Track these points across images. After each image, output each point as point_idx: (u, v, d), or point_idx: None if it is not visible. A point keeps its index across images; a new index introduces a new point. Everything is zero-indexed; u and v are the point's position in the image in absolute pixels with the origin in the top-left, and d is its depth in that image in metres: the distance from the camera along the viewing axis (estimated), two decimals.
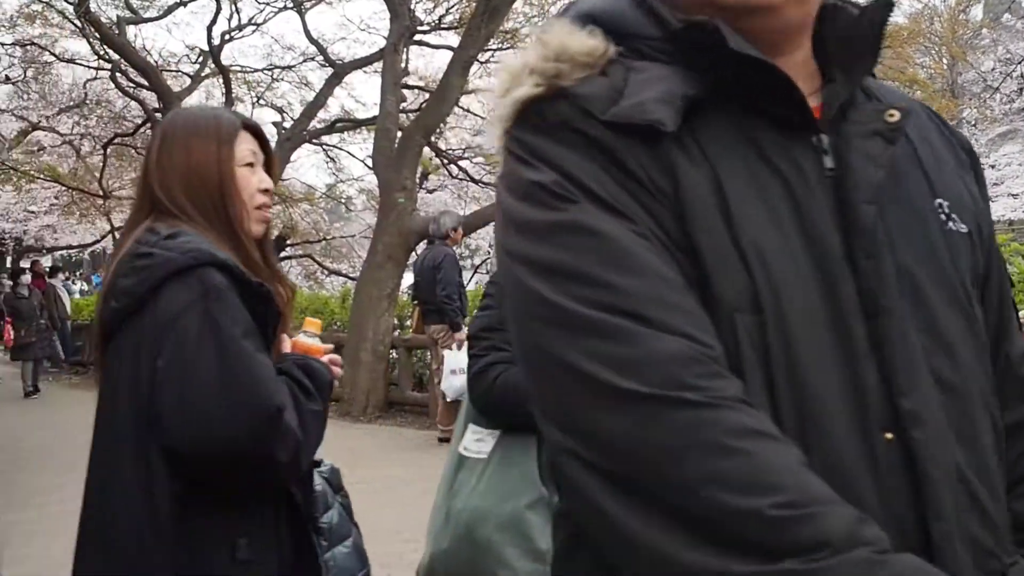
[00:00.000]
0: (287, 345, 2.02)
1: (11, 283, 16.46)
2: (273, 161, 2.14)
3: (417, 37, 18.03)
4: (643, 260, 0.93)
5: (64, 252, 34.68)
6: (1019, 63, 13.22)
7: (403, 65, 16.53)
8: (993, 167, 45.73)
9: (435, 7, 18.75)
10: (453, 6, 18.70)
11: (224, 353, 1.73)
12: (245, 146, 2.03)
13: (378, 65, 17.01)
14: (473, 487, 2.42)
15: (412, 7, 16.16)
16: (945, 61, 28.68)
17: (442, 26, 18.90)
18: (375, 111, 16.10)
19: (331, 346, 2.17)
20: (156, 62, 19.93)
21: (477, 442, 2.48)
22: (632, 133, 0.97)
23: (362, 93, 34.76)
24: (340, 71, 19.29)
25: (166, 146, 2.00)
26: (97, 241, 31.77)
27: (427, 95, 18.30)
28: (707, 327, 0.93)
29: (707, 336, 0.92)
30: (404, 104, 17.38)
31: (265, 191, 2.05)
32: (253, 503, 1.84)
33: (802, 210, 1.00)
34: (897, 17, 20.77)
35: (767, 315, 0.95)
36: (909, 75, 18.80)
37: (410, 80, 19.09)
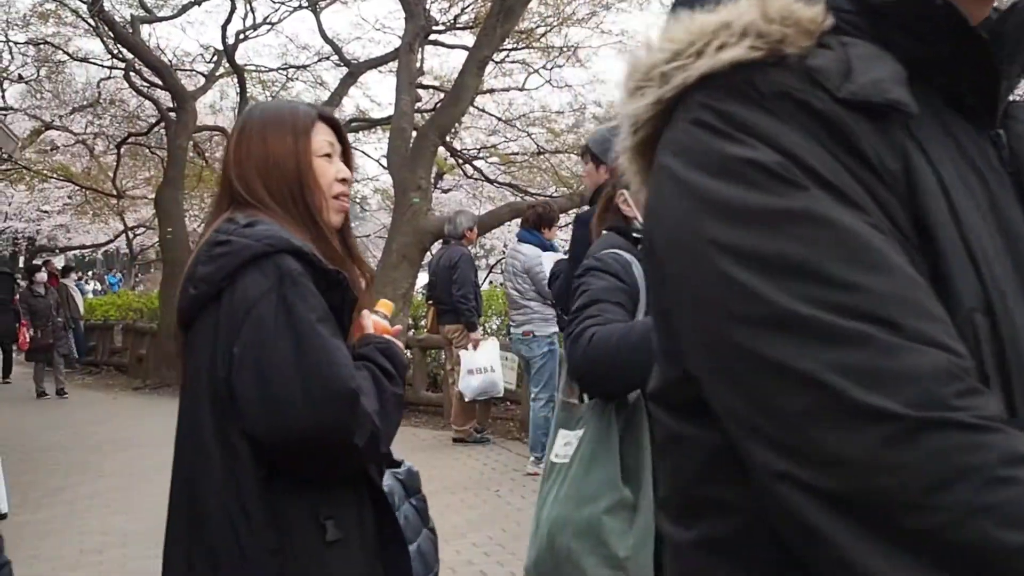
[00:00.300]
0: (369, 323, 2.07)
1: (27, 281, 16.11)
2: (350, 151, 2.17)
3: (432, 37, 17.99)
4: (888, 257, 0.80)
5: (77, 252, 34.79)
6: None
7: (418, 65, 16.49)
8: None
9: (450, 7, 18.70)
10: (468, 6, 18.64)
11: (300, 339, 1.75)
12: (322, 137, 2.05)
13: (393, 65, 16.98)
14: (556, 494, 2.38)
15: (427, 7, 16.12)
16: None
17: (457, 26, 18.84)
18: (390, 111, 16.09)
19: (400, 328, 2.20)
20: (170, 61, 19.94)
21: (565, 446, 2.45)
22: (862, 113, 0.86)
23: (377, 93, 34.74)
24: (355, 71, 19.27)
25: (244, 139, 2.03)
26: (110, 241, 31.94)
27: (442, 95, 18.25)
28: (956, 335, 0.81)
29: (960, 346, 0.80)
30: (419, 104, 17.34)
31: (343, 180, 2.08)
32: (335, 485, 1.88)
33: (997, 205, 0.92)
34: None
35: (998, 317, 0.85)
36: None
37: (425, 80, 19.04)
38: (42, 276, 16.03)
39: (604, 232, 2.77)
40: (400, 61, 14.74)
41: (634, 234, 2.63)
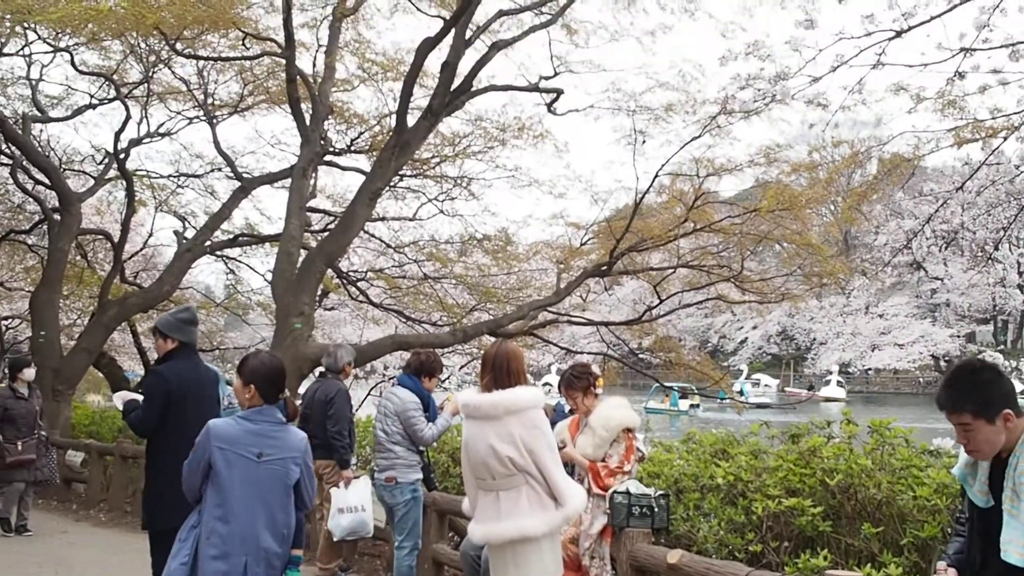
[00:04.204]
0: None
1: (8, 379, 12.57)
2: None
3: (327, 158, 18.15)
4: None
5: None
6: (916, 234, 13.74)
7: (311, 188, 16.60)
8: (881, 316, 47.78)
9: (347, 130, 18.91)
10: (365, 131, 18.86)
11: None
12: None
13: (286, 181, 17.04)
14: None
15: (323, 131, 16.31)
16: (838, 216, 29.82)
17: (353, 149, 19.03)
18: (280, 226, 16.09)
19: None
20: (59, 159, 19.69)
21: None
22: None
23: (268, 206, 34.68)
24: (247, 185, 19.19)
25: None
26: None
27: (333, 218, 18.35)
28: None
29: None
30: (309, 225, 17.39)
31: None
32: None
33: None
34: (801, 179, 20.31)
35: None
36: (806, 238, 18.43)
37: (317, 198, 19.13)
38: (30, 374, 12.28)
39: None
40: (292, 185, 14.84)
41: None
